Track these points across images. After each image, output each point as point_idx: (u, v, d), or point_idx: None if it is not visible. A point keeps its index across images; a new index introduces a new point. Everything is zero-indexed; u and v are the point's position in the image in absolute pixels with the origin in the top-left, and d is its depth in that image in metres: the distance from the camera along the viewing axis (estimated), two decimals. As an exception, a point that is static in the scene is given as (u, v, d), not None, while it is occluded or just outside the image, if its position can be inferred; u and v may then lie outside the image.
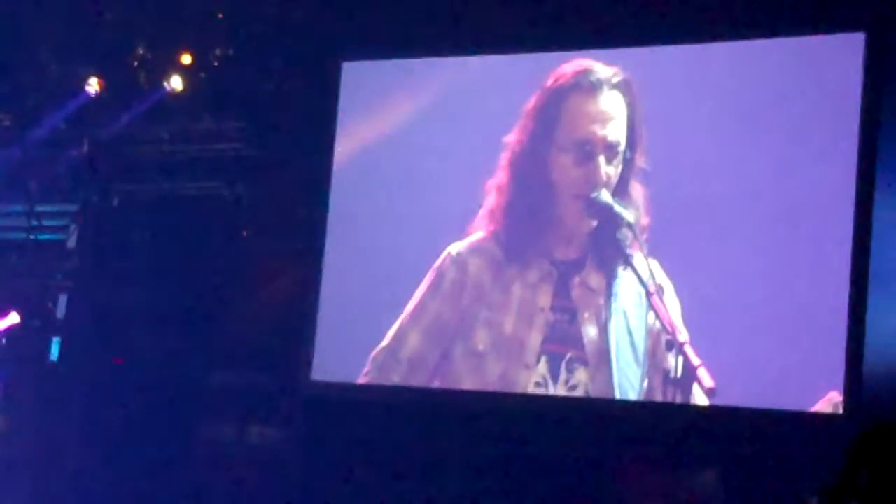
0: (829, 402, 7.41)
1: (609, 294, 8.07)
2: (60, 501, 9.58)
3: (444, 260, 8.41)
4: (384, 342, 8.56)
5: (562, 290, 8.18)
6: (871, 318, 7.38)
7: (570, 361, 8.12)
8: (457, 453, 8.53)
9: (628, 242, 7.92)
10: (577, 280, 8.16)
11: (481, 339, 8.33)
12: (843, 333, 7.41)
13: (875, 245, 7.44)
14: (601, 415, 8.11)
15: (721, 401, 7.57)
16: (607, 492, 8.22)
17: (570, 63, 8.25)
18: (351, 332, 8.74)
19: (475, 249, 8.37)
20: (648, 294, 7.76)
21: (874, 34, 7.63)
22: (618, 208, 7.95)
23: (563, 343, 8.14)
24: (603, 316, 8.07)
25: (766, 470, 7.56)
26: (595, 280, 8.12)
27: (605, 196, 7.98)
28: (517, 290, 8.27)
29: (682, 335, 7.59)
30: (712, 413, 7.65)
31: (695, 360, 7.54)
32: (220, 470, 9.33)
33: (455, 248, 8.39)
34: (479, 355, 8.33)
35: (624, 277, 8.02)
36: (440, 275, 8.41)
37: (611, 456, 8.20)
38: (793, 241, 7.67)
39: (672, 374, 7.62)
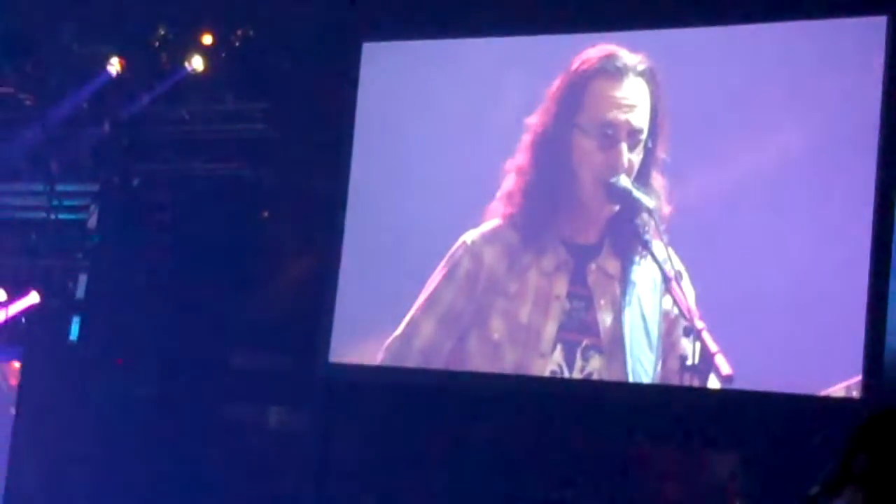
0: (848, 386, 7.38)
1: (625, 280, 8.05)
2: (78, 480, 9.59)
3: (458, 248, 8.39)
4: (397, 331, 8.56)
5: (578, 277, 8.16)
6: (891, 305, 7.33)
7: (585, 349, 8.09)
8: (474, 435, 8.53)
9: (647, 228, 7.88)
10: (593, 266, 8.13)
11: (496, 328, 8.31)
12: (862, 320, 7.37)
13: (896, 232, 7.40)
14: (619, 398, 8.10)
15: (738, 386, 7.54)
16: (626, 473, 8.21)
17: (596, 48, 8.21)
18: (370, 314, 8.75)
19: (490, 238, 8.35)
20: (667, 280, 7.72)
21: (897, 18, 7.58)
22: (637, 194, 7.91)
23: (578, 331, 8.12)
24: (618, 302, 8.04)
25: (783, 453, 7.53)
26: (612, 266, 8.09)
27: (625, 181, 7.94)
28: (533, 278, 8.24)
29: (700, 322, 7.56)
30: (729, 397, 7.63)
31: (712, 347, 7.51)
32: (239, 450, 9.34)
33: (470, 236, 8.38)
34: (495, 344, 8.31)
35: (640, 264, 7.99)
36: (454, 264, 8.40)
37: (629, 438, 8.19)
38: (813, 228, 7.63)
39: (689, 361, 7.60)
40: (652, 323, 7.96)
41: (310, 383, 9.02)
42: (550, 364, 8.16)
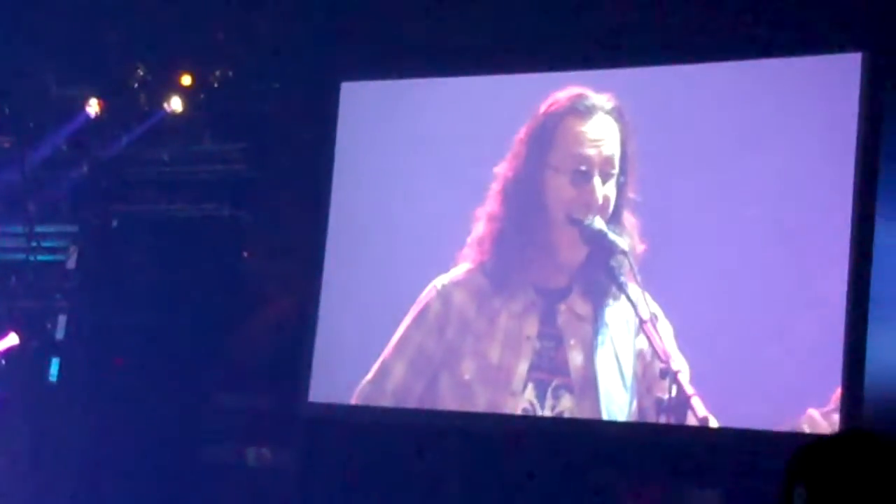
0: (827, 422, 7.40)
1: (597, 321, 8.06)
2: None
3: (430, 293, 8.41)
4: (368, 375, 8.57)
5: (548, 318, 8.18)
6: (869, 343, 7.35)
7: (556, 388, 8.11)
8: (453, 473, 8.51)
9: (622, 270, 7.89)
10: (563, 307, 8.15)
11: (467, 369, 8.33)
12: (839, 358, 7.39)
13: (874, 270, 7.41)
14: (597, 435, 8.10)
15: (716, 424, 7.56)
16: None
17: (564, 90, 8.25)
18: (349, 354, 8.74)
19: (460, 282, 8.38)
20: (642, 322, 7.73)
21: (872, 54, 7.62)
22: (612, 236, 7.93)
23: (549, 371, 8.14)
24: (590, 342, 8.05)
25: (765, 490, 7.51)
26: (581, 307, 8.11)
27: (599, 223, 7.96)
28: (503, 319, 8.27)
29: (676, 363, 7.57)
30: (706, 434, 7.64)
31: (689, 390, 7.53)
32: (219, 490, 9.30)
33: (440, 281, 8.41)
34: (466, 384, 8.33)
35: (613, 305, 8.01)
36: (424, 307, 8.43)
37: (607, 476, 8.17)
38: (790, 266, 7.65)
39: (665, 403, 7.60)
40: (626, 363, 7.97)
41: (290, 423, 9.00)
42: (522, 402, 8.17)
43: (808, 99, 7.79)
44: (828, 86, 7.76)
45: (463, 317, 8.37)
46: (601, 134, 8.10)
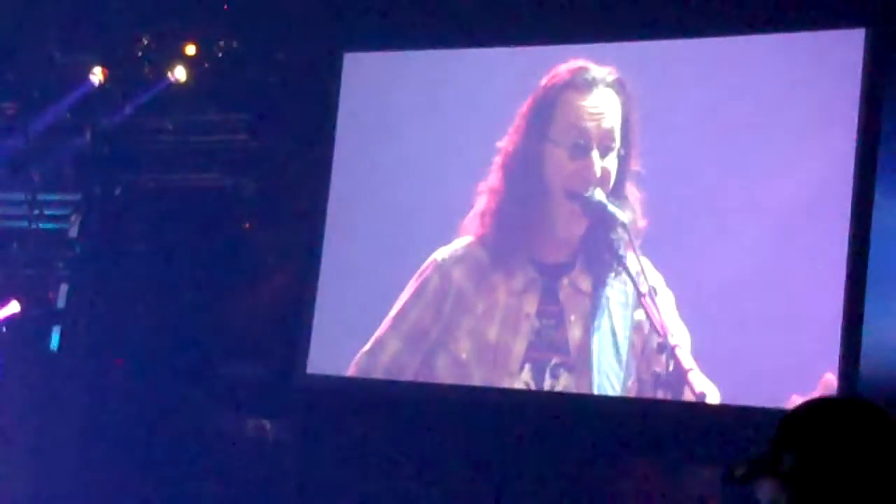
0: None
1: (597, 296, 8.04)
2: (59, 492, 9.56)
3: (428, 266, 8.40)
4: (366, 346, 8.56)
5: (548, 295, 8.16)
6: (867, 319, 7.32)
7: (554, 367, 8.10)
8: (449, 446, 8.50)
9: (621, 243, 7.86)
10: (565, 281, 8.13)
11: (464, 348, 8.31)
12: (838, 334, 7.36)
13: (873, 245, 7.38)
14: (596, 411, 8.09)
15: (713, 400, 7.54)
16: (603, 488, 8.19)
17: (565, 63, 8.22)
18: (347, 326, 8.73)
19: (460, 256, 8.36)
20: (640, 295, 7.70)
21: (875, 30, 7.57)
22: (612, 208, 7.91)
23: (548, 349, 8.12)
24: (589, 318, 8.03)
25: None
26: (584, 282, 8.09)
27: (599, 195, 7.94)
28: (502, 297, 8.25)
29: (674, 338, 7.54)
30: (705, 410, 7.62)
31: (686, 364, 7.50)
32: (218, 459, 9.32)
33: (441, 254, 8.39)
34: (462, 363, 8.32)
35: (614, 280, 7.98)
36: (423, 282, 8.41)
37: (603, 451, 8.17)
38: (790, 242, 7.62)
39: (663, 377, 7.58)
40: (622, 339, 7.94)
41: (288, 394, 9.00)
42: (518, 383, 8.16)
43: (810, 74, 7.75)
44: (830, 61, 7.72)
45: (461, 293, 8.35)
46: (601, 107, 8.06)
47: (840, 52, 7.66)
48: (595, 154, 8.00)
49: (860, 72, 7.53)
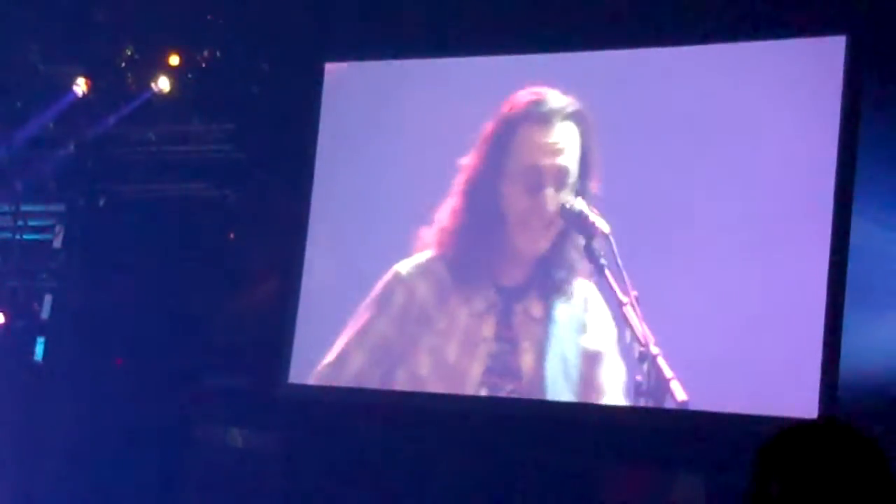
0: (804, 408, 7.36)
1: (548, 321, 8.02)
2: (44, 501, 9.55)
3: (391, 279, 8.38)
4: (329, 357, 8.55)
5: (505, 319, 8.16)
6: (847, 326, 7.31)
7: (509, 393, 8.10)
8: (434, 455, 8.48)
9: (602, 252, 7.82)
10: (519, 308, 8.12)
11: (424, 364, 8.31)
12: (819, 342, 7.35)
13: (853, 254, 7.36)
14: (580, 419, 8.08)
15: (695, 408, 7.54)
16: (587, 496, 8.18)
17: (525, 91, 8.20)
18: (330, 334, 8.72)
19: (423, 271, 8.36)
20: (621, 305, 7.67)
21: (855, 38, 7.56)
22: (592, 217, 7.87)
23: (502, 375, 8.13)
24: (542, 344, 8.03)
25: (736, 474, 7.47)
26: (536, 308, 8.10)
27: (580, 204, 7.91)
28: (462, 317, 8.24)
29: (655, 347, 7.53)
30: (684, 417, 7.62)
31: (667, 373, 7.49)
32: (202, 469, 9.31)
33: (403, 266, 8.37)
34: (421, 379, 8.31)
35: (563, 303, 7.98)
36: (386, 295, 8.39)
37: (590, 460, 8.15)
38: (768, 254, 7.61)
39: (644, 386, 7.57)
40: (572, 365, 7.95)
41: (272, 403, 8.99)
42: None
43: (790, 83, 7.74)
44: (811, 70, 7.71)
45: (424, 309, 8.33)
46: (557, 142, 8.05)
47: (821, 60, 7.65)
48: (549, 190, 7.99)
49: (841, 79, 7.52)
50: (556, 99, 8.10)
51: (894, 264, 7.33)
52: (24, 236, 10.04)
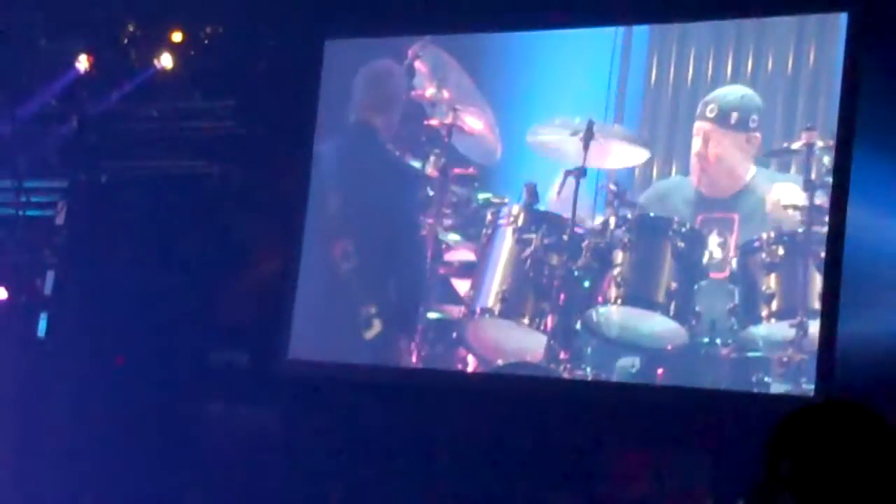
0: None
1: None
2: (47, 478, 9.56)
3: None
4: None
5: None
6: (843, 309, 7.31)
7: None
8: (434, 431, 8.48)
9: None
10: None
11: None
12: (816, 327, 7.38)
13: (848, 242, 7.36)
14: (585, 397, 8.10)
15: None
16: (592, 473, 8.18)
17: None
18: (327, 312, 8.73)
19: None
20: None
21: (857, 14, 7.54)
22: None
23: None
24: None
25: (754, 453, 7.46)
26: None
27: None
28: None
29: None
30: (683, 393, 7.64)
31: None
32: (204, 446, 9.33)
33: None
34: None
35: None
36: None
37: (594, 438, 8.16)
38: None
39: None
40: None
41: (272, 379, 9.01)
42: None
43: (791, 58, 7.75)
44: (812, 45, 7.72)
45: None
46: None
47: (823, 36, 7.67)
48: None
49: (843, 55, 7.52)
50: None
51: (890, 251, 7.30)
52: (27, 212, 10.04)
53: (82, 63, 9.66)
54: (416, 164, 8.66)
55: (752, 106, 7.79)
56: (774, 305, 7.61)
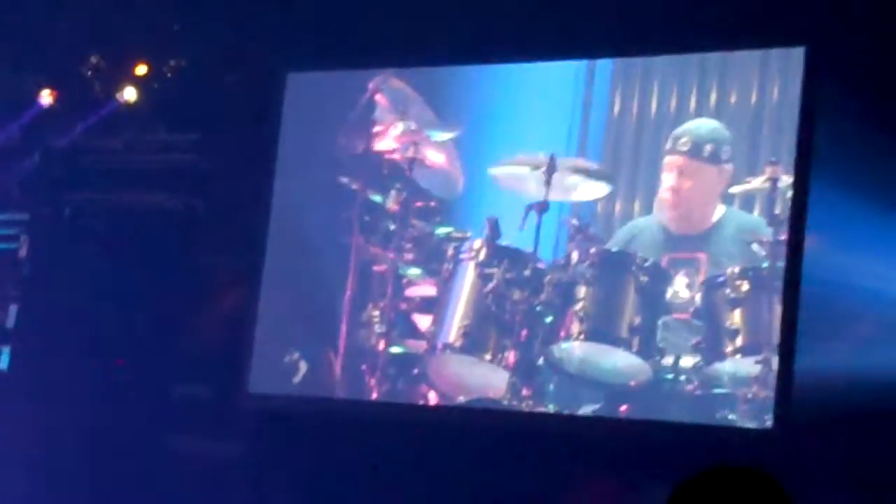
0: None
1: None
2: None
3: None
4: None
5: None
6: (800, 334, 7.31)
7: None
8: (395, 463, 8.44)
9: None
10: None
11: None
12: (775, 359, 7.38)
13: (806, 276, 7.37)
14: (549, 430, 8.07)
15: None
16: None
17: None
18: (287, 344, 8.72)
19: None
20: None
21: (814, 49, 7.56)
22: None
23: None
24: None
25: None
26: None
27: None
28: None
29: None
30: (643, 426, 7.64)
31: None
32: (166, 481, 9.27)
33: None
34: None
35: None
36: None
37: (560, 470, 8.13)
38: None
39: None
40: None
41: (234, 413, 8.98)
42: None
43: (755, 93, 7.79)
44: (776, 80, 7.75)
45: None
46: None
47: (781, 71, 7.69)
48: None
49: (800, 89, 7.54)
50: None
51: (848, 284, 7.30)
52: (-9, 246, 10.02)
53: (45, 97, 9.63)
54: (377, 197, 8.63)
55: (724, 138, 7.80)
56: (739, 341, 7.59)
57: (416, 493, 8.39)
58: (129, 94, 9.57)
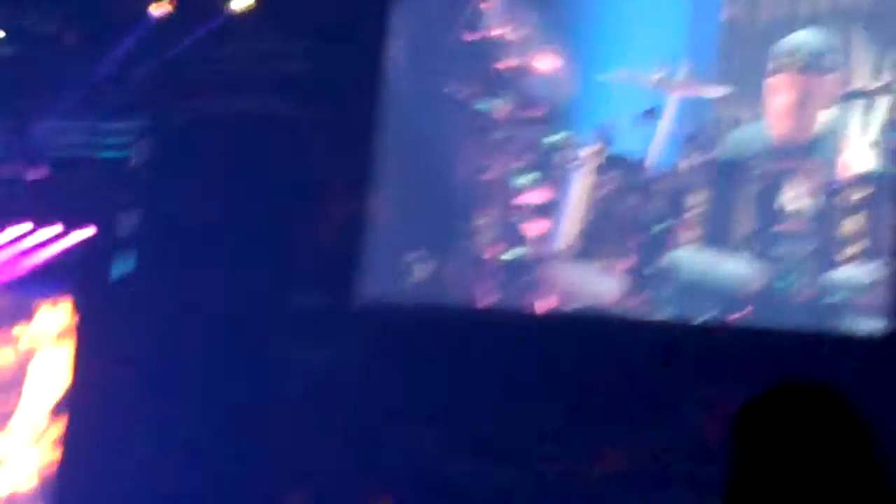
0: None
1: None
2: (129, 419, 9.69)
3: None
4: None
5: None
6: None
7: None
8: (508, 369, 8.46)
9: None
10: None
11: None
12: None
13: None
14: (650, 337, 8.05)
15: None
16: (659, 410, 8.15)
17: None
18: (398, 251, 8.75)
19: None
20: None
21: None
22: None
23: None
24: None
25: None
26: None
27: None
28: None
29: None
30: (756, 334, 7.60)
31: None
32: (280, 386, 9.40)
33: None
34: None
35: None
36: None
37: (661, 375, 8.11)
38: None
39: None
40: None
41: (346, 319, 9.06)
42: None
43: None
44: None
45: None
46: None
47: None
48: None
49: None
50: None
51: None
52: (103, 154, 10.12)
53: (160, 5, 9.66)
54: (484, 105, 8.59)
55: (833, 46, 7.65)
56: (854, 249, 7.48)
57: (527, 401, 8.42)
58: (242, 2, 9.56)
